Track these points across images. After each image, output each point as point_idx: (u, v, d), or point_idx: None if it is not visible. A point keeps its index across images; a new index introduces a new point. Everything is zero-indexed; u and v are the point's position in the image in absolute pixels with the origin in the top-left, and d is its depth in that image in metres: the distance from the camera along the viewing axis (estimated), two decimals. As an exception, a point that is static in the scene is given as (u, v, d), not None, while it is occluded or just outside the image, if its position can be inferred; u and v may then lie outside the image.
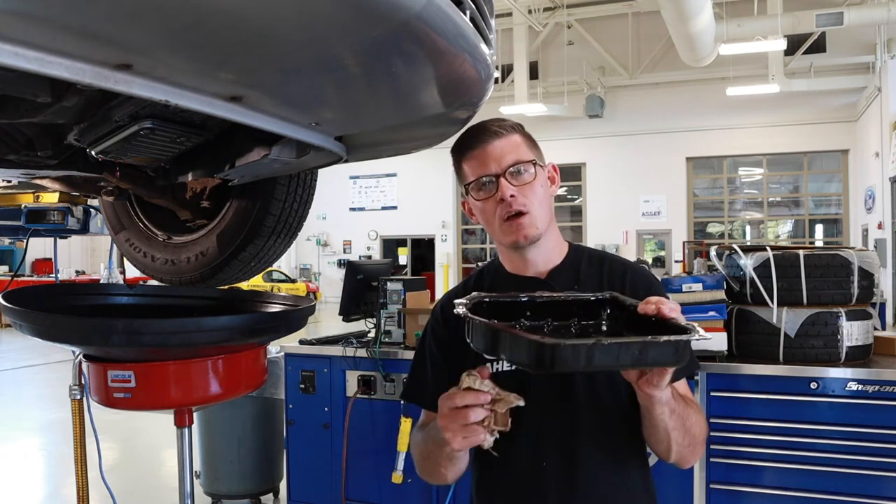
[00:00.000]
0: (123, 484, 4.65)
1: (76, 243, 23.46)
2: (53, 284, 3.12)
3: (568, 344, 0.95)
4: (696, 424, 1.31)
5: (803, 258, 2.98)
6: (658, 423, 1.24)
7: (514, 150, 1.38)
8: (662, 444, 1.29)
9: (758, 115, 17.62)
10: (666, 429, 1.25)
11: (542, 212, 1.39)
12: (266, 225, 2.34)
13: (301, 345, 3.72)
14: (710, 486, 3.04)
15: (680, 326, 1.05)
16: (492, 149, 1.38)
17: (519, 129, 1.43)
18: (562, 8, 18.39)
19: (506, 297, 1.24)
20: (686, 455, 1.33)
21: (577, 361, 0.96)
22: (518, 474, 1.36)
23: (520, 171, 1.37)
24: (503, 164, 1.37)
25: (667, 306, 1.10)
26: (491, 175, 1.37)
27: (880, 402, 2.86)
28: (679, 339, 0.99)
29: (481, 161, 1.39)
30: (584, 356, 0.95)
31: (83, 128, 1.71)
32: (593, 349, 0.95)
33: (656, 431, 1.27)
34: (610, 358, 0.98)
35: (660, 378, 1.12)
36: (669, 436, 1.26)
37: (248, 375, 2.18)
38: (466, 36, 1.28)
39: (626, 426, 1.38)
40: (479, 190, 1.39)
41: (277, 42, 1.14)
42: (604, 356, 0.97)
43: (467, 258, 21.48)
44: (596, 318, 1.22)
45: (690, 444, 1.31)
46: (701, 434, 1.33)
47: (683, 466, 1.37)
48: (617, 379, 1.36)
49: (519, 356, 1.01)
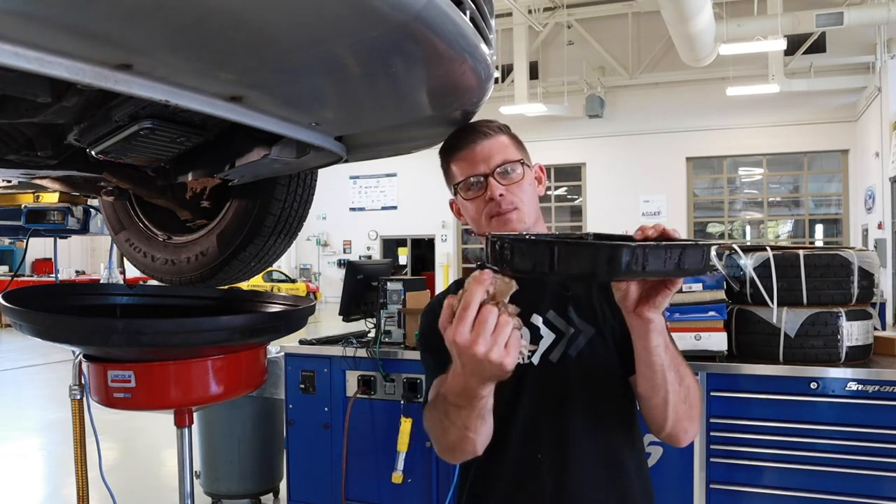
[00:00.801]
0: (123, 484, 4.66)
1: (76, 243, 23.47)
2: (53, 284, 3.12)
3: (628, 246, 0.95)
4: (689, 375, 1.28)
5: (803, 258, 2.98)
6: (654, 358, 1.20)
7: (501, 151, 1.41)
8: (659, 391, 1.24)
9: (758, 115, 17.62)
10: (662, 367, 1.21)
11: (530, 209, 1.42)
12: (266, 225, 2.34)
13: (301, 345, 3.72)
14: (710, 486, 3.04)
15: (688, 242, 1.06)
16: (480, 149, 1.41)
17: (506, 131, 1.46)
18: (562, 8, 18.38)
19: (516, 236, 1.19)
20: (682, 416, 1.28)
21: (636, 264, 0.96)
22: (513, 466, 1.36)
23: (508, 170, 1.40)
24: (492, 164, 1.40)
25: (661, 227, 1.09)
26: (480, 175, 1.40)
27: (880, 402, 2.86)
28: (707, 243, 1.05)
29: (470, 161, 1.41)
30: (640, 259, 0.96)
31: (83, 128, 1.71)
32: (648, 252, 0.97)
33: (653, 375, 1.23)
34: (658, 262, 0.99)
35: (663, 298, 1.12)
36: (665, 378, 1.23)
37: (248, 375, 2.18)
38: (466, 36, 1.28)
39: (619, 416, 1.39)
40: (468, 189, 1.43)
41: (277, 42, 1.14)
42: (655, 260, 0.98)
43: (467, 258, 21.47)
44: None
45: (686, 400, 1.27)
46: (695, 389, 1.29)
47: (681, 437, 1.31)
48: (610, 367, 1.37)
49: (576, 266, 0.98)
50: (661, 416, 1.28)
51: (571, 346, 1.39)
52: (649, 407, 1.29)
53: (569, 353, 1.38)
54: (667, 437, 1.32)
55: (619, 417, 1.39)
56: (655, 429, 1.32)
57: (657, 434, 1.33)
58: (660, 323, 1.17)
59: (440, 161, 1.49)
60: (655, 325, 1.16)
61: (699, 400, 1.32)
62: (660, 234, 1.08)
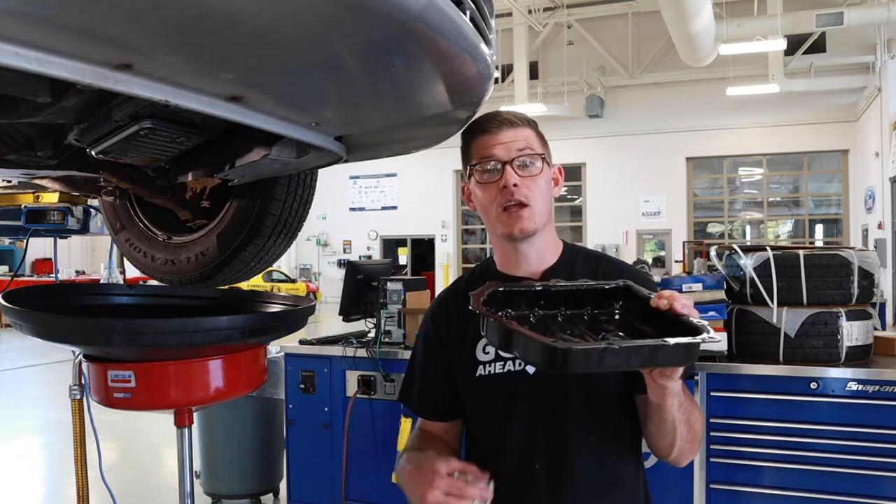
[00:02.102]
0: (123, 484, 4.66)
1: (76, 243, 23.45)
2: (53, 284, 3.12)
3: (579, 348, 0.97)
4: (698, 420, 1.32)
5: (803, 258, 2.98)
6: (667, 415, 1.23)
7: (525, 142, 1.38)
8: (667, 438, 1.29)
9: (758, 115, 17.62)
10: (674, 422, 1.24)
11: (543, 207, 1.38)
12: (266, 225, 2.34)
13: (301, 345, 3.72)
14: (710, 486, 3.04)
15: (692, 325, 1.06)
16: (503, 136, 1.37)
17: (533, 126, 1.43)
18: (562, 8, 18.39)
19: (521, 287, 1.23)
20: (685, 451, 1.32)
21: (588, 364, 0.98)
22: (510, 476, 1.35)
23: (527, 162, 1.36)
24: (512, 153, 1.36)
25: (679, 302, 1.10)
26: (498, 160, 1.36)
27: (880, 402, 2.86)
28: (690, 342, 1.01)
29: (491, 145, 1.37)
30: (595, 359, 0.98)
31: (83, 128, 1.71)
32: (604, 353, 0.98)
33: (663, 425, 1.26)
34: (620, 360, 1.00)
35: (674, 370, 1.13)
36: (675, 429, 1.26)
37: (248, 375, 2.18)
38: (466, 36, 1.28)
39: (617, 427, 1.38)
40: (483, 173, 1.38)
41: (277, 42, 1.14)
42: (614, 359, 0.99)
43: (467, 258, 21.47)
44: (609, 307, 1.23)
45: (692, 440, 1.31)
46: (700, 430, 1.34)
47: (681, 464, 1.36)
48: (610, 380, 1.36)
49: (532, 356, 1.03)
50: (665, 453, 1.34)
51: None
52: (656, 445, 1.35)
53: None
54: (667, 462, 1.37)
55: (619, 430, 1.38)
56: (657, 455, 1.37)
57: (658, 458, 1.38)
58: (675, 387, 1.18)
59: (461, 141, 1.45)
60: (670, 390, 1.18)
61: (702, 432, 1.36)
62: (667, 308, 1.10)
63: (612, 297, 1.23)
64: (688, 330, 1.04)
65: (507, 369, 1.37)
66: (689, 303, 1.11)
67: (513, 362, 1.37)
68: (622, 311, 1.22)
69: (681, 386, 1.21)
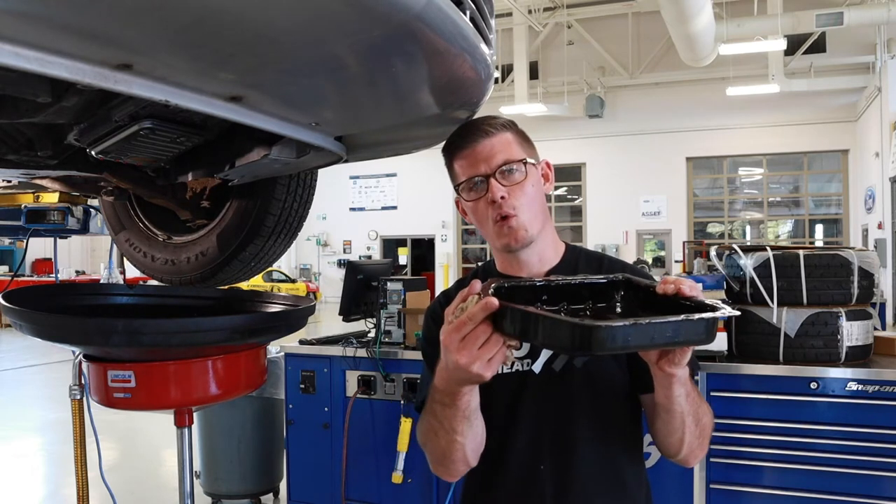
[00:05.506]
0: (123, 484, 4.66)
1: (76, 243, 23.45)
2: (53, 284, 3.12)
3: (606, 325, 0.95)
4: (706, 414, 1.30)
5: (803, 258, 2.98)
6: (675, 408, 1.22)
7: (504, 150, 1.35)
8: (676, 434, 1.27)
9: (758, 115, 17.63)
10: (682, 414, 1.23)
11: (534, 212, 1.36)
12: (266, 225, 2.34)
13: (301, 345, 3.72)
14: (710, 486, 3.04)
15: (704, 304, 1.05)
16: (481, 148, 1.35)
17: (510, 127, 1.40)
18: (562, 8, 18.39)
19: (523, 282, 1.23)
20: (695, 447, 1.31)
21: (614, 343, 0.96)
22: (515, 474, 1.36)
23: (510, 170, 1.34)
24: (493, 165, 1.34)
25: (686, 285, 1.09)
26: (481, 175, 1.35)
27: (880, 402, 2.86)
28: (712, 317, 1.00)
29: (471, 161, 1.36)
30: (620, 337, 0.96)
31: (83, 128, 1.71)
32: (630, 330, 0.96)
33: (671, 420, 1.25)
34: (645, 338, 0.98)
35: (682, 356, 1.11)
36: (684, 422, 1.25)
37: (248, 375, 2.18)
38: (466, 36, 1.28)
39: (622, 427, 1.38)
40: (470, 190, 1.37)
41: (277, 42, 1.14)
42: (640, 336, 0.98)
43: (467, 258, 21.48)
44: (609, 300, 1.22)
45: (700, 436, 1.29)
46: (709, 425, 1.32)
47: (690, 462, 1.34)
48: (615, 380, 1.36)
49: (557, 340, 1.01)
50: (674, 451, 1.32)
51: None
52: (665, 444, 1.32)
53: (573, 362, 1.36)
54: (677, 461, 1.35)
55: (624, 430, 1.38)
56: (666, 455, 1.35)
57: (667, 458, 1.35)
58: (682, 375, 1.17)
59: (444, 159, 1.44)
60: (678, 378, 1.17)
61: (711, 428, 1.34)
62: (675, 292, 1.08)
63: (613, 289, 1.22)
64: (700, 310, 1.03)
65: (514, 369, 1.37)
66: (696, 285, 1.10)
67: (520, 363, 1.37)
68: (624, 303, 1.22)
69: (687, 374, 1.20)
